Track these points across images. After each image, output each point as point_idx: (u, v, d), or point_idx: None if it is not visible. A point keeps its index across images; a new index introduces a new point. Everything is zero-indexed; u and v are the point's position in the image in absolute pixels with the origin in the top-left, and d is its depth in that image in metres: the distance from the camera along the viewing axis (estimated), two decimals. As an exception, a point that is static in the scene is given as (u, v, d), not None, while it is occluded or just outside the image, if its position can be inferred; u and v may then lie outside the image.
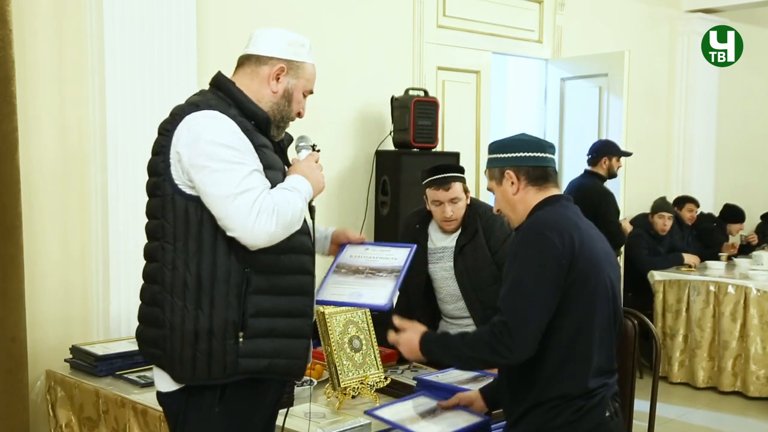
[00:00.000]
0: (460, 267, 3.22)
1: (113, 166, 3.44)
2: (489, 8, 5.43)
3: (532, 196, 2.20)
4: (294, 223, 2.00)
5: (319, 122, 4.28)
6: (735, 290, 5.49)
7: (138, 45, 3.49)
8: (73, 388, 3.01)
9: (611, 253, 2.23)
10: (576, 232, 2.08)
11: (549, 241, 2.04)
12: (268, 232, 1.92)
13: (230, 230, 1.94)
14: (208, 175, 1.94)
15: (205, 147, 1.95)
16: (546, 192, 2.21)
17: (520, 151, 2.20)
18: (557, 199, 2.20)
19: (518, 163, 2.20)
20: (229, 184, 1.92)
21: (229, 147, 1.96)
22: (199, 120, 1.99)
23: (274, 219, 1.92)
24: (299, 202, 2.02)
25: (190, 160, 1.96)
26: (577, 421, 2.07)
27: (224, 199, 1.92)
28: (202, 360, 1.99)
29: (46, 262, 3.46)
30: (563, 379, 2.08)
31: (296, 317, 2.09)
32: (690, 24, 6.94)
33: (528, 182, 2.20)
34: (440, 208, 3.20)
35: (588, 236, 2.11)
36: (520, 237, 2.15)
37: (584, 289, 2.06)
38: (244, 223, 1.91)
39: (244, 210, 1.90)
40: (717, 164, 7.31)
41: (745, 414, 5.24)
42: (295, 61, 2.15)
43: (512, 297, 2.06)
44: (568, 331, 2.06)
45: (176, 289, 2.00)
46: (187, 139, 1.98)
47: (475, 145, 5.36)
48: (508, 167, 2.21)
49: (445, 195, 3.18)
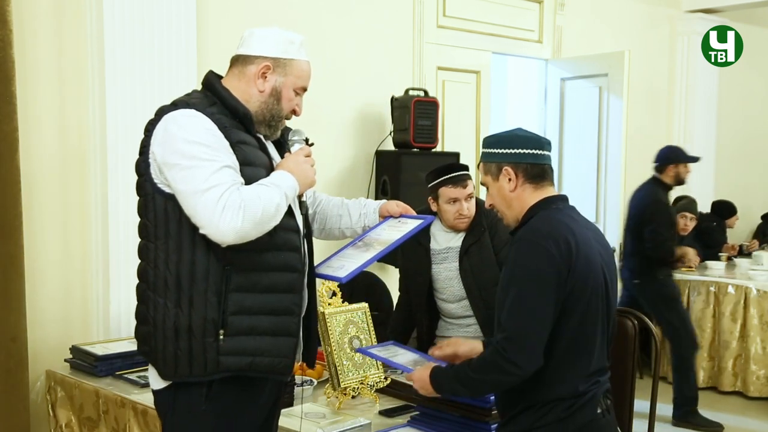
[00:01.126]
0: (466, 267, 3.21)
1: (113, 166, 3.45)
2: (489, 8, 5.43)
3: (529, 195, 2.17)
4: (267, 219, 1.96)
5: (319, 122, 4.28)
6: (735, 290, 5.49)
7: (138, 45, 3.50)
8: (73, 388, 3.01)
9: (607, 252, 2.21)
10: (571, 237, 2.05)
11: (546, 251, 2.02)
12: (234, 228, 1.90)
13: (200, 227, 1.93)
14: (178, 173, 1.94)
15: (176, 145, 1.95)
16: (542, 191, 2.18)
17: (518, 147, 2.16)
18: (553, 200, 2.17)
19: (516, 159, 2.16)
20: (197, 180, 1.91)
21: (200, 144, 1.95)
22: (175, 118, 2.00)
23: (240, 215, 1.89)
24: (275, 197, 1.98)
25: (163, 158, 1.97)
26: (568, 418, 2.06)
27: (192, 195, 1.92)
28: (182, 358, 1.99)
29: (47, 262, 3.47)
30: (559, 383, 2.07)
31: (281, 315, 2.07)
32: (690, 24, 6.93)
33: (525, 180, 2.16)
34: (456, 206, 3.19)
35: (583, 239, 2.09)
36: (516, 247, 2.12)
37: (581, 294, 2.05)
38: (210, 219, 1.90)
39: (210, 206, 1.89)
40: (717, 164, 7.31)
41: (745, 414, 5.24)
42: (282, 59, 2.12)
43: (514, 313, 2.04)
44: (566, 336, 2.05)
45: (158, 287, 2.01)
46: (162, 138, 1.99)
47: (475, 145, 5.35)
48: (505, 163, 2.16)
49: (462, 192, 3.17)
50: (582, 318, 2.06)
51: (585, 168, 5.89)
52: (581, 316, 2.05)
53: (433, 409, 2.47)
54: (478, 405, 2.38)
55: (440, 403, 2.44)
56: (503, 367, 2.02)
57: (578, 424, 2.07)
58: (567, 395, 2.07)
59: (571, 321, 2.05)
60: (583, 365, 2.08)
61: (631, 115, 5.71)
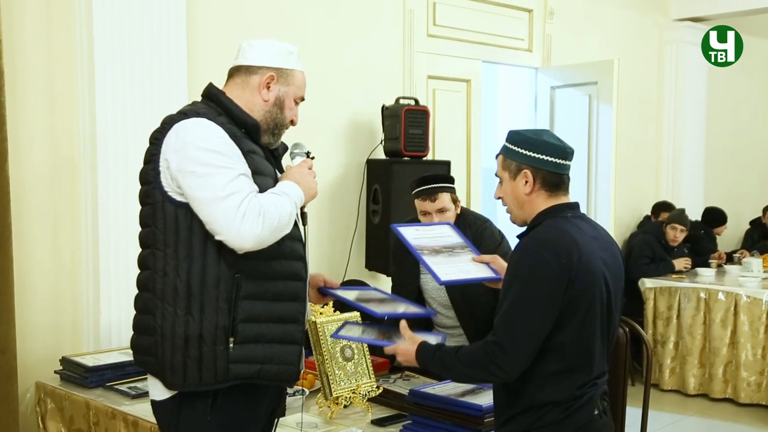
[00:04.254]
0: None
1: (103, 176, 3.44)
2: (479, 17, 5.45)
3: (543, 201, 2.17)
4: (282, 226, 2.01)
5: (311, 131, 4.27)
6: (725, 297, 5.51)
7: (128, 54, 3.49)
8: (63, 400, 2.99)
9: (614, 261, 2.20)
10: (574, 248, 2.05)
11: (545, 262, 2.03)
12: (254, 234, 1.93)
13: (217, 233, 1.95)
14: (194, 180, 1.95)
15: (192, 152, 1.97)
16: (555, 199, 2.18)
17: (543, 153, 2.15)
18: (562, 209, 2.17)
19: (538, 165, 2.15)
20: (215, 187, 1.93)
21: (215, 152, 1.97)
22: (187, 127, 2.01)
23: (260, 221, 1.94)
24: (288, 206, 2.03)
25: (177, 166, 1.98)
26: (566, 419, 2.09)
27: (210, 202, 1.94)
28: (192, 366, 1.99)
29: (37, 273, 3.45)
30: (558, 387, 2.09)
31: (288, 323, 2.09)
32: (679, 32, 6.98)
33: (542, 186, 2.16)
34: (427, 219, 3.19)
35: (587, 249, 2.08)
36: (519, 254, 2.13)
37: (580, 304, 2.05)
38: (230, 225, 1.92)
39: (230, 213, 1.92)
40: (706, 171, 7.35)
41: (736, 421, 5.25)
42: (285, 69, 2.17)
43: (507, 320, 2.06)
44: (565, 343, 2.07)
45: (167, 296, 2.01)
46: (175, 146, 2.00)
47: (466, 153, 5.37)
48: (526, 165, 2.16)
49: (431, 206, 3.16)
50: (581, 326, 2.07)
51: (575, 176, 5.76)
52: (580, 325, 2.07)
53: (426, 418, 2.47)
54: (471, 413, 2.39)
55: (432, 411, 2.45)
56: (489, 369, 2.06)
57: (576, 426, 2.09)
58: (565, 398, 2.08)
59: (569, 329, 2.06)
60: (583, 372, 2.10)
61: (620, 123, 5.74)
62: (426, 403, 2.50)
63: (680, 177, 7.11)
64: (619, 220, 6.07)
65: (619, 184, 5.76)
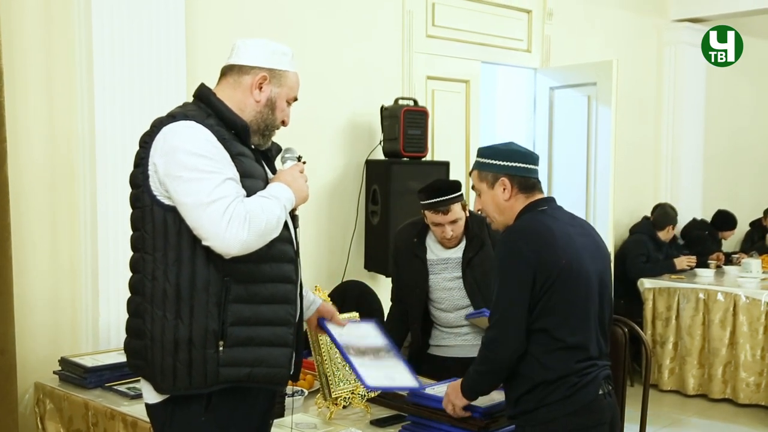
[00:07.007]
0: (470, 279, 3.20)
1: (102, 177, 3.44)
2: (478, 18, 5.45)
3: (521, 203, 2.38)
4: (270, 230, 2.00)
5: (309, 132, 4.29)
6: (724, 298, 5.51)
7: (127, 55, 3.49)
8: (62, 401, 2.99)
9: (598, 247, 2.40)
10: (547, 232, 2.26)
11: (518, 250, 2.25)
12: (240, 240, 1.93)
13: (203, 239, 1.95)
14: (181, 185, 1.95)
15: (179, 157, 1.96)
16: (532, 198, 2.38)
17: (515, 161, 2.37)
18: (538, 203, 2.37)
19: (513, 172, 2.36)
20: (201, 193, 1.93)
21: (203, 156, 1.96)
22: (175, 130, 2.00)
23: (246, 227, 1.93)
24: (276, 209, 2.02)
25: (165, 170, 1.97)
26: (572, 396, 2.23)
27: (197, 208, 1.93)
28: (182, 370, 1.99)
29: (35, 274, 3.45)
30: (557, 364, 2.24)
31: (278, 326, 2.08)
32: (678, 33, 6.98)
33: (519, 190, 2.37)
34: (439, 229, 3.19)
35: (563, 233, 2.28)
36: (498, 247, 2.37)
37: (566, 285, 2.22)
38: (215, 231, 1.92)
39: (215, 218, 1.91)
40: (705, 172, 7.35)
41: (735, 421, 5.25)
42: (278, 70, 2.16)
43: (495, 312, 2.29)
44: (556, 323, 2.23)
45: (156, 299, 2.00)
46: (163, 149, 1.99)
47: (465, 154, 5.36)
48: (502, 174, 2.36)
49: (444, 218, 3.15)
50: (567, 306, 2.23)
51: (574, 176, 5.91)
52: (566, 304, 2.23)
53: (425, 419, 2.48)
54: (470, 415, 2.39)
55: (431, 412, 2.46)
56: (486, 356, 2.30)
57: (582, 403, 2.24)
58: (566, 372, 2.23)
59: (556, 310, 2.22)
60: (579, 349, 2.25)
61: (619, 123, 5.74)
62: (425, 404, 2.51)
63: (679, 178, 7.11)
64: (618, 221, 6.07)
65: (618, 184, 5.76)
